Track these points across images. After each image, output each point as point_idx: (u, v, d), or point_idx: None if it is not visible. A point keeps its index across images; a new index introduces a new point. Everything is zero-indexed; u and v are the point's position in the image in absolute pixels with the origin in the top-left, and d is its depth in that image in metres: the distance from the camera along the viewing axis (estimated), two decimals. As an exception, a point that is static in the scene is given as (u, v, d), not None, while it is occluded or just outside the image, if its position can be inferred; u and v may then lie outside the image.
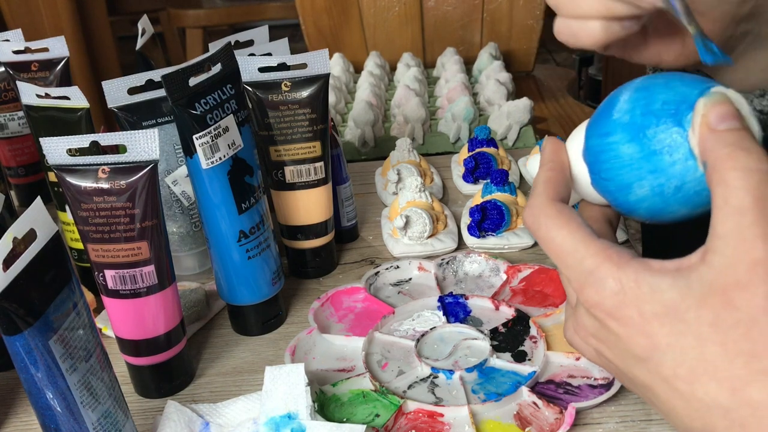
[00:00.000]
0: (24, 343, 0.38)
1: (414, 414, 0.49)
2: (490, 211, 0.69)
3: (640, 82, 0.39)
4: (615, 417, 0.48)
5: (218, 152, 0.53)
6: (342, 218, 0.72)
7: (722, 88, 0.37)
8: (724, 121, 0.35)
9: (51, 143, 0.48)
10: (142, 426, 0.51)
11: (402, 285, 0.65)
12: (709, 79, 0.38)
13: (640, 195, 0.39)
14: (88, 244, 0.49)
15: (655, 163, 0.37)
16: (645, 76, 0.40)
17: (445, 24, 1.36)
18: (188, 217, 0.68)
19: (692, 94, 0.37)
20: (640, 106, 0.38)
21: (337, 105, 1.10)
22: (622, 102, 0.39)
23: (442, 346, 0.56)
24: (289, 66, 0.63)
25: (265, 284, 0.59)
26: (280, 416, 0.46)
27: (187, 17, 2.29)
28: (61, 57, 0.74)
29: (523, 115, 0.98)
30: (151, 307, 0.51)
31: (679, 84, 0.38)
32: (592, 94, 2.38)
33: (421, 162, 0.83)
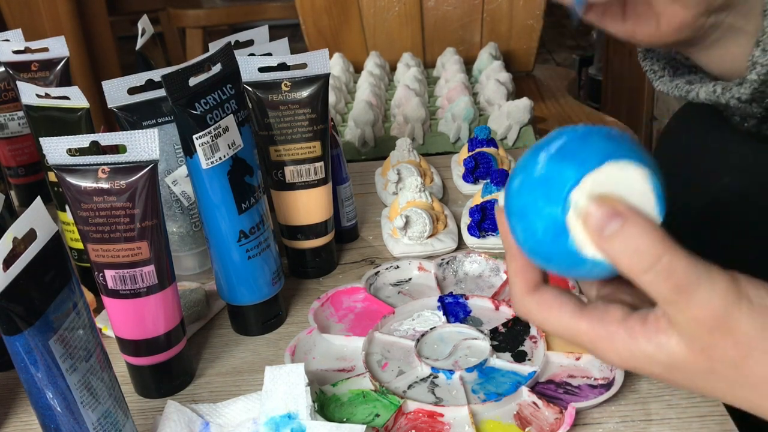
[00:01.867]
0: (24, 343, 0.38)
1: (414, 414, 0.49)
2: (490, 211, 0.69)
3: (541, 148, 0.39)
4: (615, 417, 0.48)
5: (218, 152, 0.53)
6: (342, 218, 0.72)
7: (607, 169, 0.36)
8: (603, 226, 0.35)
9: (51, 143, 0.48)
10: (142, 426, 0.51)
11: (402, 285, 0.65)
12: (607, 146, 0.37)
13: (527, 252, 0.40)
14: (88, 244, 0.49)
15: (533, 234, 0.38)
16: (553, 136, 0.39)
17: (445, 24, 1.36)
18: (188, 217, 0.68)
19: (571, 179, 0.37)
20: (528, 179, 0.38)
21: (337, 105, 1.10)
22: (519, 167, 0.39)
23: (442, 346, 0.56)
24: (289, 66, 0.63)
25: (265, 284, 0.59)
26: (280, 416, 0.46)
27: (187, 17, 2.29)
28: (61, 57, 0.74)
29: (523, 115, 0.98)
30: (151, 307, 0.51)
31: (569, 158, 0.37)
32: (592, 94, 2.38)
33: (421, 162, 0.83)
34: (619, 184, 0.36)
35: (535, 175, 0.38)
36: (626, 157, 0.36)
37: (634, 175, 0.36)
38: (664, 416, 0.48)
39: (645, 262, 0.35)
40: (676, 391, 0.49)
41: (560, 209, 0.36)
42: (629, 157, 0.36)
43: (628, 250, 0.35)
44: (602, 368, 0.51)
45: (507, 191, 0.40)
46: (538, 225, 0.38)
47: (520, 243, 0.40)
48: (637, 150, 0.37)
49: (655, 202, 0.37)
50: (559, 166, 0.37)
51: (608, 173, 0.36)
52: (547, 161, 0.37)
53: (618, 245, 0.35)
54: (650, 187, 0.37)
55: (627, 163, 0.36)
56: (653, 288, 0.35)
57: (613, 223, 0.35)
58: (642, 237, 0.35)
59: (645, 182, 0.37)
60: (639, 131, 1.88)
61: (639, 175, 0.36)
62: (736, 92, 0.50)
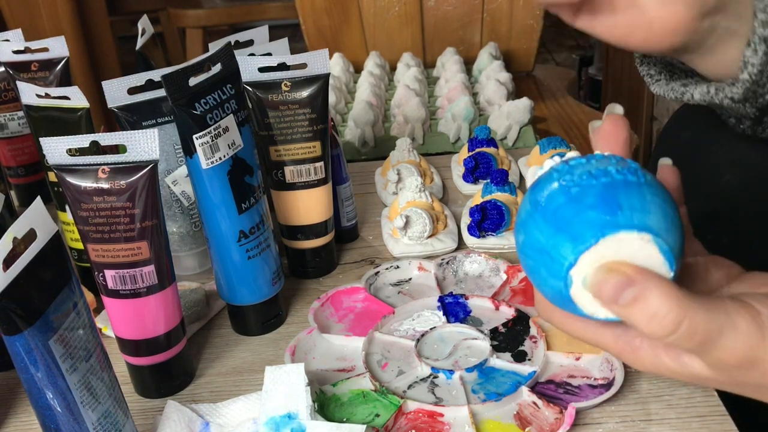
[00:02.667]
0: (24, 343, 0.38)
1: (414, 414, 0.49)
2: (490, 211, 0.69)
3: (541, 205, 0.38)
4: (615, 417, 0.48)
5: (218, 152, 0.53)
6: (342, 218, 0.72)
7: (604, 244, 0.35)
8: (617, 297, 0.35)
9: (51, 143, 0.48)
10: (142, 426, 0.51)
11: (402, 285, 0.65)
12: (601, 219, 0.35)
13: None
14: (88, 244, 0.49)
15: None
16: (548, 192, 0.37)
17: (445, 24, 1.36)
18: (188, 217, 0.68)
19: (568, 257, 0.36)
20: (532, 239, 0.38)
21: (337, 105, 1.10)
22: (522, 218, 0.39)
23: (442, 346, 0.56)
24: (289, 66, 0.63)
25: (265, 284, 0.59)
26: (280, 416, 0.46)
27: (187, 17, 2.29)
28: (61, 57, 0.74)
29: (523, 115, 0.98)
30: (151, 307, 0.51)
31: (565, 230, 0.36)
32: (592, 94, 2.38)
33: (421, 162, 0.83)
34: (620, 254, 0.35)
35: (534, 241, 0.37)
36: (623, 228, 0.35)
37: (635, 242, 0.35)
38: (664, 416, 0.48)
39: (666, 329, 0.35)
40: (676, 390, 0.49)
41: (563, 284, 0.36)
42: (627, 226, 0.35)
43: (647, 316, 0.35)
44: (602, 368, 0.51)
45: (515, 239, 0.39)
46: (547, 290, 0.38)
47: None
48: (636, 203, 0.35)
49: (663, 260, 0.35)
50: (555, 239, 0.36)
51: (606, 248, 0.35)
52: (544, 229, 0.36)
53: (636, 313, 0.35)
54: (656, 248, 0.35)
55: (625, 234, 0.35)
56: (678, 346, 0.36)
57: (627, 291, 0.35)
58: (659, 302, 0.34)
59: (648, 245, 0.35)
60: (639, 131, 1.89)
61: (640, 240, 0.35)
62: (728, 92, 0.50)
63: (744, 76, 0.49)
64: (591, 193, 0.35)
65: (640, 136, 1.86)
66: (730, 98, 0.50)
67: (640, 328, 0.35)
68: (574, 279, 0.36)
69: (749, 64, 0.48)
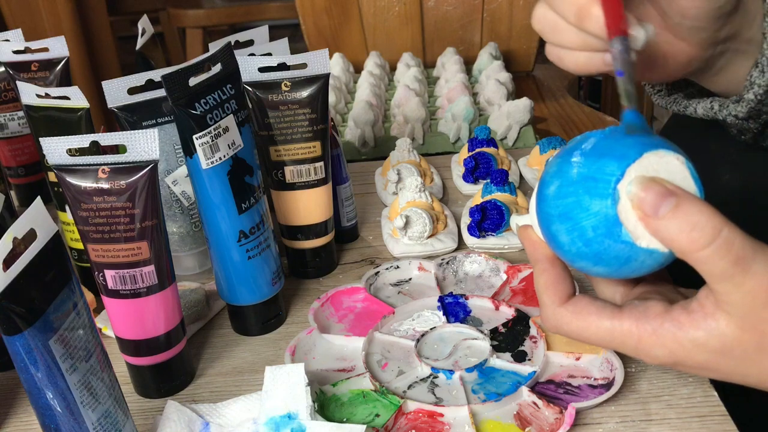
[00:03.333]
0: (24, 343, 0.38)
1: (414, 414, 0.49)
2: (490, 211, 0.69)
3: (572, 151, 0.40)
4: (615, 417, 0.48)
5: (218, 152, 0.53)
6: (342, 218, 0.72)
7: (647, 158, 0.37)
8: (658, 206, 0.36)
9: (51, 143, 0.48)
10: (142, 426, 0.51)
11: (402, 285, 0.65)
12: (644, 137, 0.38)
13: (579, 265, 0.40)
14: (88, 244, 0.49)
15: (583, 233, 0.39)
16: (578, 140, 0.40)
17: (445, 24, 1.36)
18: (188, 217, 0.68)
19: (615, 173, 0.37)
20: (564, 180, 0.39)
21: (337, 105, 1.10)
22: (552, 173, 0.40)
23: (442, 346, 0.56)
24: (289, 66, 0.63)
25: (265, 284, 0.59)
26: (280, 416, 0.46)
27: (187, 17, 2.29)
28: (61, 57, 0.74)
29: (523, 115, 0.98)
30: (151, 307, 0.51)
31: (608, 154, 0.38)
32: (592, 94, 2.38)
33: (421, 162, 0.83)
34: (660, 171, 0.37)
35: (573, 176, 0.38)
36: (661, 147, 0.37)
37: (673, 161, 0.37)
38: (664, 416, 0.48)
39: (706, 237, 0.35)
40: (676, 390, 0.49)
41: (609, 202, 0.37)
42: (664, 147, 0.37)
43: (687, 226, 0.35)
44: (602, 368, 0.51)
45: (541, 200, 0.40)
46: (587, 224, 0.38)
47: (563, 248, 0.40)
48: (665, 141, 0.38)
49: (695, 185, 0.38)
50: (599, 163, 0.37)
51: (648, 162, 0.37)
52: (584, 161, 0.38)
53: (675, 223, 0.35)
54: (689, 172, 0.38)
55: (664, 152, 0.37)
56: (711, 263, 0.35)
57: (667, 201, 0.36)
58: (699, 212, 0.35)
59: (683, 167, 0.38)
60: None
61: (677, 161, 0.37)
62: (732, 110, 0.51)
63: (749, 96, 0.49)
64: (623, 131, 0.39)
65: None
66: (734, 116, 0.51)
67: (679, 240, 0.35)
68: (621, 194, 0.37)
69: (755, 85, 0.48)
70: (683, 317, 0.38)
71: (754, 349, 0.37)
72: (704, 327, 0.37)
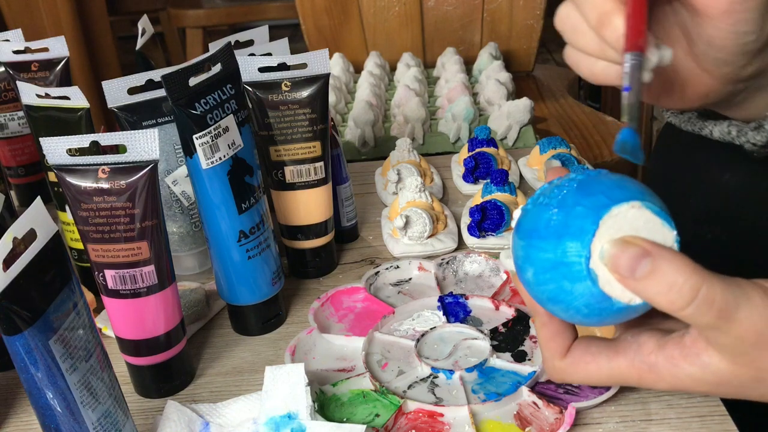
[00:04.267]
0: (24, 343, 0.38)
1: (414, 414, 0.49)
2: (490, 211, 0.69)
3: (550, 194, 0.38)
4: (615, 417, 0.48)
5: (218, 152, 0.53)
6: (342, 218, 0.72)
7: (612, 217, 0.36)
8: (634, 269, 0.35)
9: (51, 143, 0.48)
10: (142, 426, 0.51)
11: (402, 285, 0.65)
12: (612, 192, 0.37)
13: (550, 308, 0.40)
14: (88, 244, 0.49)
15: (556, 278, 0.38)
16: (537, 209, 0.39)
17: (445, 24, 1.36)
18: (188, 217, 0.68)
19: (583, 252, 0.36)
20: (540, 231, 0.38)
21: (337, 105, 1.10)
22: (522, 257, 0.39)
23: (442, 346, 0.56)
24: (289, 66, 0.63)
25: (265, 284, 0.59)
26: (280, 416, 0.46)
27: (187, 17, 2.29)
28: (61, 57, 0.74)
29: (523, 115, 0.98)
30: (151, 307, 0.51)
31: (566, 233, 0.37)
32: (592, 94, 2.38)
33: (421, 162, 0.83)
34: (630, 225, 0.36)
35: (544, 263, 0.37)
36: (614, 203, 0.36)
37: (630, 212, 0.36)
38: (664, 416, 0.48)
39: (684, 298, 0.34)
40: (676, 391, 0.49)
41: (589, 283, 0.36)
42: (616, 201, 0.36)
43: (664, 288, 0.35)
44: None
45: (523, 281, 0.39)
46: (578, 303, 0.37)
47: (565, 318, 0.40)
48: (631, 186, 0.37)
49: (661, 222, 0.36)
50: (562, 246, 0.36)
51: (614, 221, 0.36)
52: (546, 246, 0.37)
53: (653, 285, 0.35)
54: (650, 212, 0.36)
55: (617, 208, 0.36)
56: (694, 319, 0.35)
57: (642, 264, 0.35)
58: (675, 272, 0.35)
59: (652, 215, 0.36)
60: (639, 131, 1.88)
61: (632, 209, 0.36)
62: (751, 137, 0.51)
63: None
64: (568, 196, 0.37)
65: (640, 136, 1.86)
66: (752, 143, 0.51)
67: (658, 302, 0.35)
68: (596, 270, 0.36)
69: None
70: (676, 353, 0.38)
71: (750, 380, 0.37)
72: (698, 364, 0.37)
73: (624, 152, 0.38)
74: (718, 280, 0.35)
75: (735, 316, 0.35)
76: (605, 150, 1.11)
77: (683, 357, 0.38)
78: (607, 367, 0.40)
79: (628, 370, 0.39)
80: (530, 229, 0.38)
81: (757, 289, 0.35)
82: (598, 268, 0.36)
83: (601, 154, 1.10)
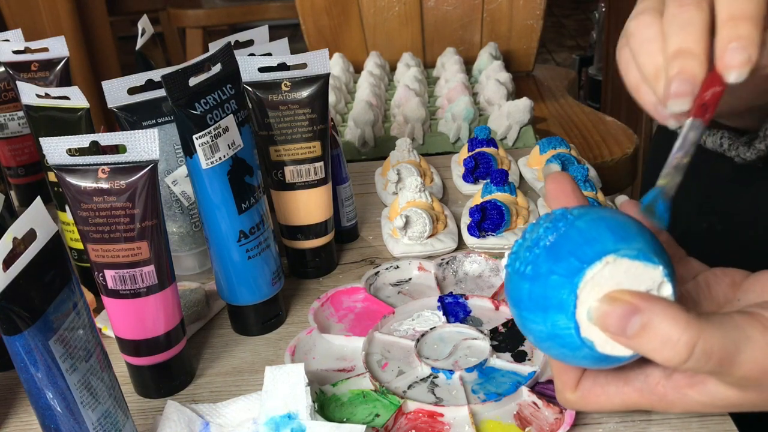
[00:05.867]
0: (24, 343, 0.38)
1: (414, 414, 0.49)
2: (490, 211, 0.69)
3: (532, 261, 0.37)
4: (615, 417, 0.48)
5: (218, 152, 0.53)
6: (342, 218, 0.72)
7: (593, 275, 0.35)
8: (624, 328, 0.34)
9: (51, 143, 0.48)
10: (142, 426, 0.51)
11: (402, 285, 0.65)
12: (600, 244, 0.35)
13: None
14: (88, 244, 0.49)
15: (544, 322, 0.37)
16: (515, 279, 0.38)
17: (445, 24, 1.36)
18: (188, 217, 0.68)
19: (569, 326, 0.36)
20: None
21: (337, 105, 1.10)
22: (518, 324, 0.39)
23: (442, 346, 0.56)
24: (289, 66, 0.63)
25: (265, 284, 0.59)
26: (280, 416, 0.46)
27: (187, 17, 2.30)
28: (61, 57, 0.74)
29: (523, 115, 0.98)
30: (151, 307, 0.51)
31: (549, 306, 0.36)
32: (592, 94, 2.38)
33: (421, 162, 0.83)
34: (604, 285, 0.35)
35: (540, 334, 0.37)
36: (586, 266, 0.35)
37: (606, 269, 0.35)
38: (664, 416, 0.48)
39: (681, 355, 0.33)
40: (676, 391, 0.49)
41: (588, 350, 0.36)
42: (587, 262, 0.35)
43: (658, 345, 0.33)
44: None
45: (529, 340, 0.39)
46: (579, 361, 0.37)
47: None
48: (578, 240, 0.35)
49: (643, 264, 0.35)
50: (549, 320, 0.36)
51: (587, 293, 0.35)
52: (534, 318, 0.37)
53: (647, 342, 0.34)
54: (626, 260, 0.35)
55: (591, 271, 0.35)
56: (696, 371, 0.35)
57: (632, 322, 0.34)
58: (668, 326, 0.33)
59: (619, 262, 0.35)
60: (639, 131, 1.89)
61: (607, 265, 0.35)
62: (741, 153, 0.51)
63: (761, 146, 0.50)
64: (541, 262, 0.36)
65: (640, 136, 1.86)
66: (743, 158, 0.51)
67: (654, 358, 0.34)
68: (590, 336, 0.35)
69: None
70: (683, 383, 0.37)
71: (762, 402, 0.37)
72: (706, 393, 0.37)
73: (648, 214, 0.37)
74: (715, 327, 0.33)
75: (737, 360, 0.34)
76: (605, 150, 1.11)
77: (690, 386, 0.37)
78: (618, 398, 0.40)
79: (639, 399, 0.39)
80: (517, 300, 0.37)
81: (756, 326, 0.34)
82: (591, 335, 0.35)
83: (601, 154, 1.10)
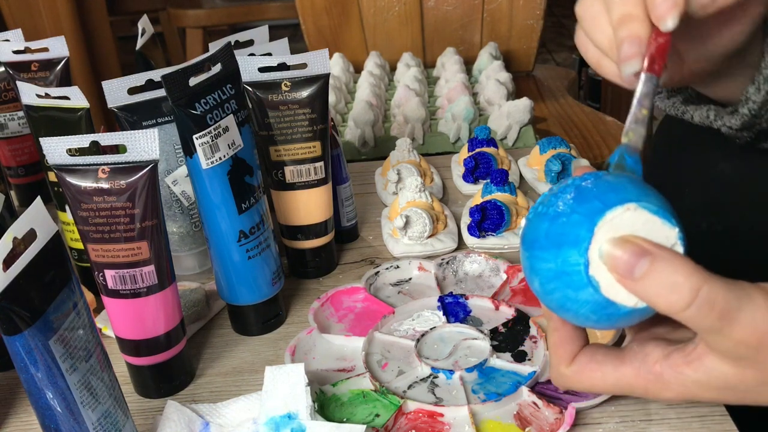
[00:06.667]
0: (24, 343, 0.38)
1: (414, 414, 0.49)
2: (490, 211, 0.69)
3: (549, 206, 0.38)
4: (615, 417, 0.48)
5: (218, 152, 0.53)
6: (342, 218, 0.72)
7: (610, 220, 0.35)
8: (632, 268, 0.34)
9: (51, 143, 0.48)
10: (142, 426, 0.51)
11: (402, 285, 0.65)
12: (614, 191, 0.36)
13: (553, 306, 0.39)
14: (88, 244, 0.49)
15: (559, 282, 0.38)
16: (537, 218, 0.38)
17: (445, 24, 1.36)
18: (188, 217, 0.68)
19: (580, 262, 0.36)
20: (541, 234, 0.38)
21: (337, 105, 1.10)
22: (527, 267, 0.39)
23: (442, 346, 0.56)
24: (289, 66, 0.63)
25: (265, 284, 0.59)
26: (280, 416, 0.46)
27: (187, 17, 2.29)
28: (61, 57, 0.74)
29: (523, 115, 0.98)
30: (151, 307, 0.51)
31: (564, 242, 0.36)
32: (592, 94, 2.38)
33: (421, 162, 0.83)
34: (620, 230, 0.35)
35: (547, 272, 0.37)
36: (608, 208, 0.35)
37: (626, 215, 0.35)
38: (664, 416, 0.48)
39: (684, 299, 0.34)
40: (676, 391, 0.49)
41: (591, 290, 0.36)
42: (610, 205, 0.35)
43: (664, 289, 0.34)
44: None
45: (533, 290, 0.39)
46: (585, 310, 0.37)
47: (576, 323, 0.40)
48: (604, 188, 0.36)
49: (660, 220, 0.36)
50: (562, 256, 0.36)
51: (604, 232, 0.35)
52: (547, 255, 0.37)
53: (652, 285, 0.34)
54: (646, 212, 0.36)
55: (611, 213, 0.35)
56: (695, 322, 0.35)
57: (641, 262, 0.34)
58: (675, 272, 0.34)
59: (639, 212, 0.35)
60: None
61: (628, 212, 0.35)
62: (727, 120, 0.52)
63: (744, 110, 0.50)
64: (565, 204, 0.37)
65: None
66: (728, 127, 0.51)
67: (657, 305, 0.35)
68: (597, 277, 0.36)
69: (750, 101, 0.49)
70: (681, 361, 0.38)
71: (756, 383, 0.36)
72: (703, 370, 0.37)
73: (619, 170, 0.38)
74: (720, 281, 0.34)
75: (737, 317, 0.34)
76: (605, 150, 1.11)
77: (687, 364, 0.37)
78: (612, 376, 0.40)
79: (635, 380, 0.39)
80: (532, 240, 0.38)
81: (760, 291, 0.35)
82: (598, 275, 0.36)
83: (601, 153, 1.10)
